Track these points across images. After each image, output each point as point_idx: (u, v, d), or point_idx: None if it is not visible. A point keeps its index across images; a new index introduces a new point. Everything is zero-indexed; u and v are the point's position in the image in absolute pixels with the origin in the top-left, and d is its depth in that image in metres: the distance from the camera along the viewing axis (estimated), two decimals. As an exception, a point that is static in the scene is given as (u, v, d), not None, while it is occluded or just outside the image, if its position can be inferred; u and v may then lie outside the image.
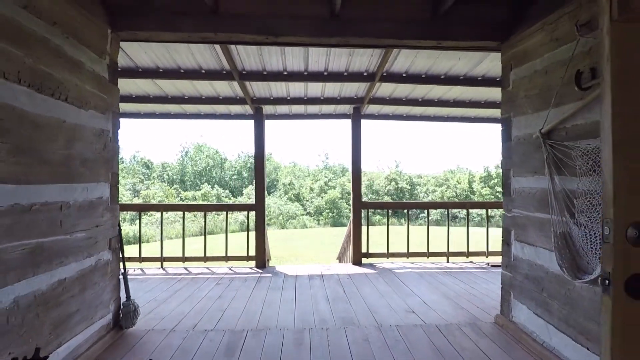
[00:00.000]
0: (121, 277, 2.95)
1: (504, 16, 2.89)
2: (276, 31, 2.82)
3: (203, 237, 5.32)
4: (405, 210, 6.59)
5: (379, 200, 23.41)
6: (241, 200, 26.01)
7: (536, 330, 2.61)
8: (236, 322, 3.14)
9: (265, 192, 5.56)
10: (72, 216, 2.27)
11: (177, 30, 2.79)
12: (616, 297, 0.91)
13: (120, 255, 2.93)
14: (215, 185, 27.29)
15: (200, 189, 25.36)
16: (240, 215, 18.46)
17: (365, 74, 4.31)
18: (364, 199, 15.64)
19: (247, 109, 5.32)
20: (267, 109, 5.43)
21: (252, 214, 5.45)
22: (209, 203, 18.41)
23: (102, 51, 2.64)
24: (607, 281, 0.93)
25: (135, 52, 3.69)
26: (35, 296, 1.95)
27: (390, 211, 6.30)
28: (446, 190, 26.04)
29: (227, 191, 27.17)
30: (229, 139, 42.72)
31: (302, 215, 25.98)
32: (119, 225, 2.88)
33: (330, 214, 25.81)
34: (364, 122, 5.66)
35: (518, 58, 2.85)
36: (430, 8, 2.85)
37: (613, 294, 0.92)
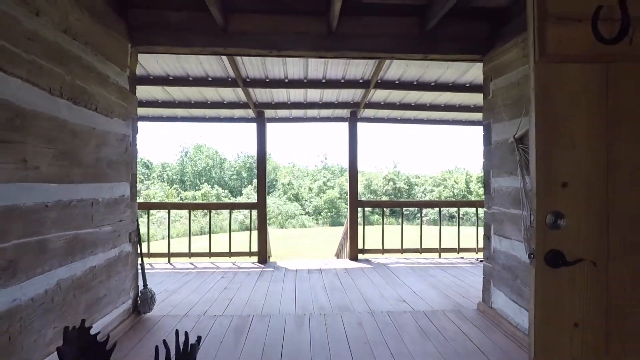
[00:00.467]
0: (139, 267, 3.26)
1: (485, 33, 3.21)
2: (279, 46, 3.13)
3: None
4: (399, 209, 6.90)
5: (376, 199, 23.69)
6: (240, 199, 26.29)
7: (511, 314, 2.93)
8: (242, 309, 3.45)
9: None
10: (101, 212, 2.58)
11: (190, 46, 3.11)
12: (538, 266, 1.23)
13: (138, 248, 3.24)
14: (215, 185, 27.55)
15: (200, 189, 25.59)
16: (240, 215, 18.77)
17: (360, 81, 4.63)
18: (363, 198, 16.11)
19: (250, 112, 5.63)
20: (269, 112, 5.75)
21: (254, 211, 5.77)
22: (214, 202, 18.74)
23: (124, 65, 2.95)
24: (532, 255, 1.25)
25: (147, 62, 3.99)
26: (73, 280, 2.26)
27: (387, 211, 6.63)
28: (443, 190, 26.39)
29: (226, 191, 27.42)
30: (228, 140, 43.01)
31: (301, 214, 26.27)
32: (137, 220, 3.19)
33: (329, 213, 26.11)
34: (361, 125, 6.01)
35: (497, 70, 3.17)
36: (418, 25, 3.17)
37: (536, 264, 1.23)
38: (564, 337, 1.22)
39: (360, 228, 5.75)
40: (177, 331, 1.76)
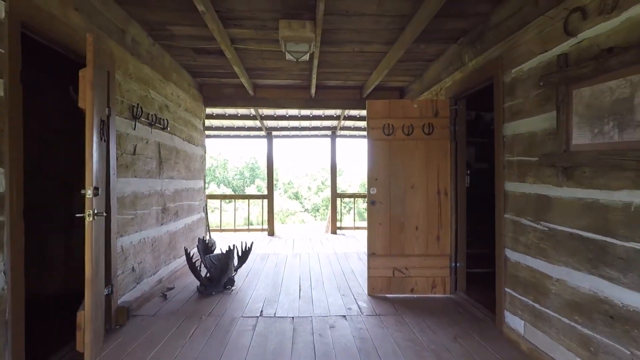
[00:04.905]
0: (206, 226, 5.85)
1: (397, 96, 5.81)
2: (283, 105, 5.74)
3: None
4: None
5: (352, 192, 26.35)
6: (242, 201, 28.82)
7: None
8: (262, 251, 6.07)
9: (274, 187, 8.48)
10: (195, 194, 5.18)
11: (235, 106, 5.72)
12: (369, 205, 3.82)
13: (205, 216, 5.84)
14: (221, 185, 30.11)
15: (207, 188, 28.11)
16: (244, 212, 21.56)
17: (334, 115, 7.23)
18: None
19: (262, 132, 8.23)
20: (275, 132, 8.35)
21: (265, 201, 8.37)
22: (237, 194, 21.83)
23: (201, 117, 5.55)
24: (367, 202, 3.83)
25: (202, 107, 6.58)
26: (188, 225, 4.87)
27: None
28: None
29: (229, 190, 29.99)
30: (230, 143, 45.42)
31: (301, 212, 28.87)
32: (205, 201, 5.78)
33: (326, 210, 28.67)
34: (343, 140, 8.62)
35: (403, 118, 5.75)
36: (359, 94, 5.77)
37: (368, 205, 3.82)
38: (377, 228, 3.81)
39: (338, 213, 8.35)
40: (242, 242, 4.38)
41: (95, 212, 2.21)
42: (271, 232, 8.18)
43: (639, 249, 1.74)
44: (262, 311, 3.39)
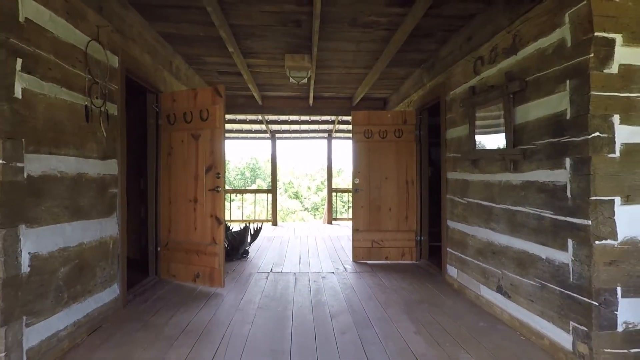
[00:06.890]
0: (221, 214, 7.00)
1: (381, 105, 6.95)
2: (286, 113, 6.90)
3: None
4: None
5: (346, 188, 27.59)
6: (247, 197, 29.98)
7: (389, 233, 6.66)
8: (268, 235, 7.21)
9: (277, 183, 9.62)
10: (214, 186, 6.32)
11: (246, 113, 6.87)
12: (353, 193, 4.96)
13: (220, 205, 6.97)
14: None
15: (212, 187, 29.19)
16: (247, 210, 22.74)
17: (330, 120, 8.38)
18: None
19: (267, 134, 9.38)
20: (278, 134, 9.50)
21: (269, 195, 9.52)
22: (245, 189, 23.05)
23: (218, 123, 6.69)
24: (352, 190, 4.96)
25: (217, 113, 7.72)
26: (209, 210, 6.01)
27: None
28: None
29: (231, 189, 31.16)
30: (232, 144, 46.56)
31: (301, 210, 30.02)
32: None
33: (325, 209, 29.81)
34: (341, 142, 9.79)
35: (386, 123, 6.90)
36: (349, 102, 6.91)
37: (353, 192, 4.95)
38: (359, 210, 4.95)
39: (337, 211, 9.48)
40: (254, 223, 5.53)
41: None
42: (275, 223, 9.31)
43: (504, 208, 2.87)
44: (271, 269, 4.53)
